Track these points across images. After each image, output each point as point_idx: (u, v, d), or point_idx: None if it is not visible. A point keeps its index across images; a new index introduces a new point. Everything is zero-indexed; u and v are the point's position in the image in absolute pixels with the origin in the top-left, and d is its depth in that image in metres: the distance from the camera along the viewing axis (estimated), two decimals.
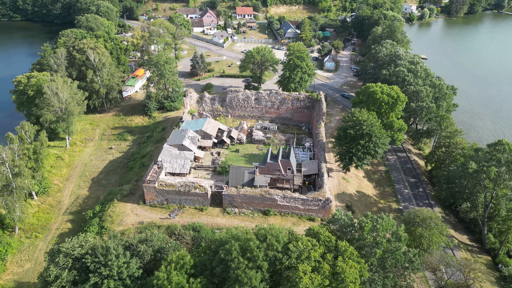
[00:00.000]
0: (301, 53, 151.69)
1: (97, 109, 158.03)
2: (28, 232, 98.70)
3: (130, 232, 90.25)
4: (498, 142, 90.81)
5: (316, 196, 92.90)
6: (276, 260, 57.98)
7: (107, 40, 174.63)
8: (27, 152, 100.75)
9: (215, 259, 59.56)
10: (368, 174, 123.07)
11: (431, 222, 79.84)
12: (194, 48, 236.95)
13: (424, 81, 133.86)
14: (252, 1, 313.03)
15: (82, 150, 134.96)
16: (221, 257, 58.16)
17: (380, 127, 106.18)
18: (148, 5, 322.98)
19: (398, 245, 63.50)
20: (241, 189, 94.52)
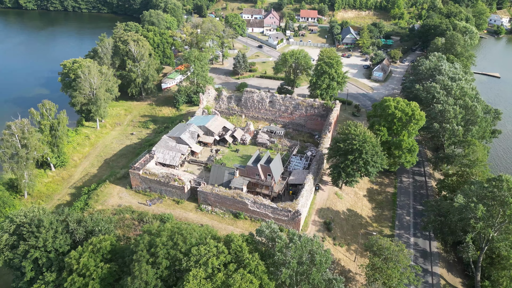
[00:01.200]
0: (331, 59, 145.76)
1: (134, 96, 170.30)
2: (35, 198, 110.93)
3: (106, 212, 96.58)
4: (498, 177, 77.86)
5: (286, 207, 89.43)
6: (177, 260, 57.77)
7: (156, 34, 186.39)
8: (43, 127, 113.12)
9: (128, 249, 61.47)
10: (371, 194, 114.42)
11: (388, 253, 72.01)
12: (247, 48, 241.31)
13: (456, 101, 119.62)
14: (319, 4, 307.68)
15: (108, 132, 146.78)
16: (131, 248, 59.84)
17: (376, 144, 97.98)
18: (219, 4, 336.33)
19: (309, 268, 58.57)
20: (214, 188, 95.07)
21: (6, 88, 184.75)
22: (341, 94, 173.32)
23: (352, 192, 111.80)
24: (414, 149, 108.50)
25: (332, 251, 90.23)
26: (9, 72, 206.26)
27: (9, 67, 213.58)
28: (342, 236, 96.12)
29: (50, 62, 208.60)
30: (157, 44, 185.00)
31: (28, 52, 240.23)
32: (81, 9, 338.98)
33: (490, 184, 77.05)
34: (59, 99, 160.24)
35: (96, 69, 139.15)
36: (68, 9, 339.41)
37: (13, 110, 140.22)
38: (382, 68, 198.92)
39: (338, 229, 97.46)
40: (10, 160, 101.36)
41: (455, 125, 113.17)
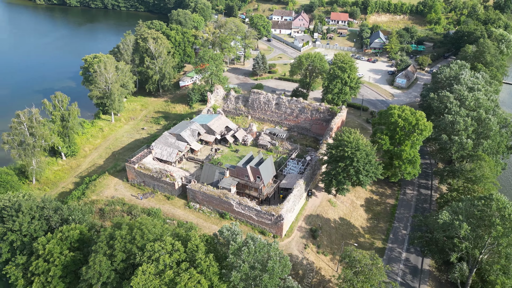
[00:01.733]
0: (344, 64, 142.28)
1: (152, 93, 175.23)
2: (42, 184, 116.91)
3: (99, 203, 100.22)
4: (489, 195, 72.37)
5: (270, 210, 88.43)
6: (132, 254, 58.77)
7: (178, 33, 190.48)
8: (53, 118, 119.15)
9: (92, 239, 63.42)
10: (369, 204, 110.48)
11: (360, 266, 69.22)
12: (271, 49, 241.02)
13: (469, 112, 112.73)
14: (352, 7, 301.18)
15: (122, 126, 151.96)
16: (94, 238, 61.71)
17: (371, 153, 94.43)
18: (251, 5, 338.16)
19: (261, 274, 57.26)
20: (203, 187, 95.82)
21: (36, 79, 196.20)
22: (356, 99, 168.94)
23: (348, 200, 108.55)
24: (415, 160, 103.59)
25: (314, 259, 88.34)
26: (41, 64, 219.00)
27: (43, 59, 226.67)
28: (329, 245, 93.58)
29: (81, 56, 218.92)
30: (179, 42, 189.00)
31: (64, 46, 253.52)
32: (119, 7, 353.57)
33: (480, 202, 71.86)
34: (82, 93, 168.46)
35: (113, 65, 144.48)
36: (108, 6, 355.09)
37: (38, 100, 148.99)
38: (406, 74, 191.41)
39: (325, 237, 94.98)
40: (18, 147, 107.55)
41: (464, 138, 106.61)
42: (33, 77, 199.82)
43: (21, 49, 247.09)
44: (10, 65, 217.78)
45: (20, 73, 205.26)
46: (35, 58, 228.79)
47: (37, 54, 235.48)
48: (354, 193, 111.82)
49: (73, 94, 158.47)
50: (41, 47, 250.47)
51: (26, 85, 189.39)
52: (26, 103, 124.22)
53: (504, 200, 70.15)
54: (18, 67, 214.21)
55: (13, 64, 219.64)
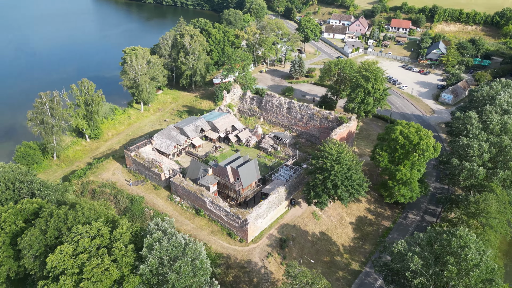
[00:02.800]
0: (368, 72, 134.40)
1: (185, 87, 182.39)
2: (61, 161, 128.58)
3: (94, 184, 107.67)
4: (453, 230, 63.39)
5: (238, 213, 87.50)
6: (62, 233, 62.48)
7: (219, 31, 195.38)
8: (77, 102, 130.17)
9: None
10: (360, 223, 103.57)
11: (295, 283, 65.54)
12: (316, 53, 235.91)
13: (490, 137, 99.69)
14: (417, 14, 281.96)
15: (148, 116, 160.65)
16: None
17: (352, 168, 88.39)
18: (312, 8, 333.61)
19: (169, 271, 56.72)
20: (184, 181, 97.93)
21: (87, 66, 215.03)
22: (385, 111, 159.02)
23: (337, 215, 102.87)
24: (410, 182, 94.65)
25: (274, 269, 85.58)
26: (97, 52, 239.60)
27: (102, 48, 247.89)
28: (298, 258, 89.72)
29: None
30: (219, 41, 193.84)
31: (125, 37, 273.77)
32: (187, 5, 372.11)
33: (443, 236, 63.53)
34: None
35: (144, 58, 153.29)
36: (177, 4, 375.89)
37: None
38: (454, 90, 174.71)
39: (296, 249, 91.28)
40: (40, 125, 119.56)
41: (476, 165, 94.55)
42: (86, 65, 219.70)
43: (85, 38, 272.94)
44: (70, 52, 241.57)
45: (74, 60, 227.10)
46: (94, 47, 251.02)
47: (97, 44, 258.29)
48: (347, 209, 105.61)
49: (115, 83, 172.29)
50: (104, 38, 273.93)
51: (76, 71, 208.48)
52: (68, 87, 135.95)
53: (469, 238, 61.21)
54: (76, 54, 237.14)
55: (72, 51, 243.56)
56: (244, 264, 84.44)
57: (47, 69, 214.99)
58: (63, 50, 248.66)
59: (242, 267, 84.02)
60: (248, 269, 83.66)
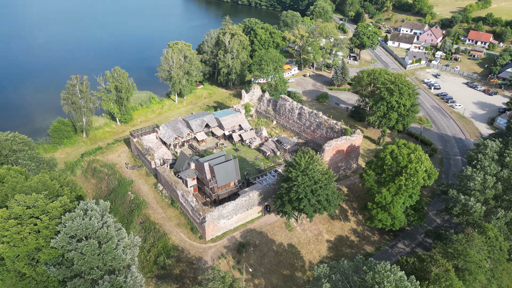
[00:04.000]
0: (394, 86, 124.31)
1: (222, 84, 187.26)
2: (88, 139, 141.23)
3: (97, 163, 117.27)
4: (369, 261, 55.84)
5: (200, 210, 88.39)
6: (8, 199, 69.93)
7: (266, 32, 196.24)
8: (108, 87, 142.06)
9: None
10: (339, 243, 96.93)
11: None
12: (371, 61, 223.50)
13: (501, 171, 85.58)
14: (504, 27, 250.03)
15: (179, 108, 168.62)
16: None
17: (323, 183, 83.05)
18: (386, 14, 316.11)
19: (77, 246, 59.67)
20: (166, 171, 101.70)
21: (147, 57, 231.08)
22: (415, 129, 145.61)
23: (315, 230, 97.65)
24: (390, 207, 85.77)
25: (223, 270, 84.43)
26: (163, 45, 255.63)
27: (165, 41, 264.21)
28: (254, 266, 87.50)
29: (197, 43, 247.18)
30: (264, 41, 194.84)
31: (193, 32, 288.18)
32: (261, 5, 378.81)
33: (362, 268, 56.81)
34: None
35: (180, 53, 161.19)
36: (251, 4, 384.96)
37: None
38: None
39: (255, 256, 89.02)
40: (71, 105, 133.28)
41: (474, 200, 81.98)
42: (145, 55, 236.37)
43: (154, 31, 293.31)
44: (134, 44, 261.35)
45: (136, 51, 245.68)
46: (158, 39, 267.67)
47: (161, 37, 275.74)
48: (329, 225, 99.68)
49: None
50: (169, 32, 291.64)
51: (133, 61, 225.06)
52: None
53: (386, 274, 53.90)
54: (140, 46, 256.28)
55: (138, 43, 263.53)
56: (194, 261, 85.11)
57: (108, 57, 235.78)
58: (130, 42, 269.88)
59: (191, 263, 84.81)
60: (196, 266, 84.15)
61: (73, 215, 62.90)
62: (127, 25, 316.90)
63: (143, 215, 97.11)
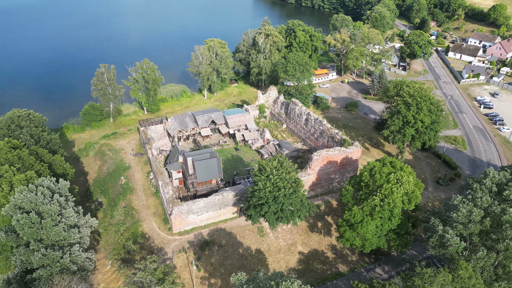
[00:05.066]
0: (412, 99, 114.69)
1: (254, 84, 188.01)
2: (114, 123, 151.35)
3: (107, 146, 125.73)
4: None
5: (171, 202, 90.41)
6: None
7: (305, 35, 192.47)
8: (135, 78, 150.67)
9: None
10: (311, 257, 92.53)
11: None
12: (421, 73, 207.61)
13: (492, 204, 74.69)
14: None
15: (206, 103, 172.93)
16: None
17: (290, 191, 79.92)
18: (456, 22, 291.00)
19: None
20: (155, 161, 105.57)
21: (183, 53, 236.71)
22: (453, 152, 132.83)
23: (289, 240, 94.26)
24: (357, 227, 79.54)
25: (180, 265, 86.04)
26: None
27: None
28: (215, 265, 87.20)
29: None
30: (303, 43, 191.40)
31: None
32: (324, 8, 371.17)
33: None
34: None
35: (210, 50, 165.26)
36: (315, 6, 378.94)
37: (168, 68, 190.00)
38: None
39: (218, 256, 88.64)
40: (99, 91, 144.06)
41: (454, 233, 72.66)
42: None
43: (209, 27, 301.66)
44: (187, 39, 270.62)
45: (185, 45, 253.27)
46: (206, 35, 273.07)
47: (212, 33, 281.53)
48: (306, 237, 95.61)
49: None
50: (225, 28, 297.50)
51: (181, 53, 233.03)
52: None
53: None
54: (189, 40, 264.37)
55: (188, 36, 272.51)
56: (155, 250, 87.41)
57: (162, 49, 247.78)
58: (186, 36, 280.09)
59: (152, 252, 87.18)
60: (156, 255, 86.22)
61: (24, 188, 68.67)
62: (190, 20, 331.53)
63: (127, 200, 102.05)
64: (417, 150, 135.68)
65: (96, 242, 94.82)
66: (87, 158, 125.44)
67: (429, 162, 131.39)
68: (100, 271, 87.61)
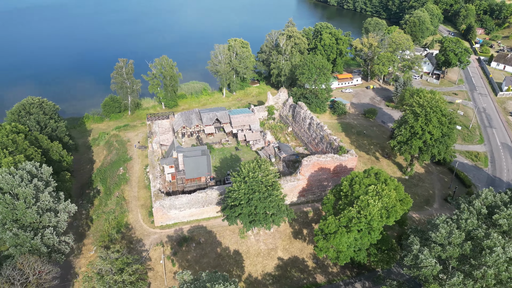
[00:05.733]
0: (421, 109, 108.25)
1: (274, 85, 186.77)
2: (131, 116, 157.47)
3: (116, 137, 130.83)
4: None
5: (155, 195, 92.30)
6: None
7: (331, 38, 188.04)
8: (153, 74, 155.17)
9: None
10: (290, 264, 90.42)
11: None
12: (455, 82, 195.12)
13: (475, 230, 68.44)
14: None
15: (224, 102, 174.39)
16: None
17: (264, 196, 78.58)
18: (506, 30, 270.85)
19: None
20: (151, 155, 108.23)
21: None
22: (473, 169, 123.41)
23: (270, 244, 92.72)
24: (329, 238, 76.36)
25: (154, 258, 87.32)
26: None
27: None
28: (190, 262, 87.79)
29: None
30: (327, 46, 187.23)
31: None
32: (366, 11, 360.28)
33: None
34: None
35: (229, 49, 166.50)
36: (357, 9, 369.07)
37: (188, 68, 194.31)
38: None
39: (194, 253, 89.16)
40: (117, 84, 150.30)
41: (429, 254, 67.51)
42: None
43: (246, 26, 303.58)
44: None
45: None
46: (239, 34, 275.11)
47: (244, 32, 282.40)
48: (288, 242, 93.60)
49: None
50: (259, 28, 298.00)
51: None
52: None
53: None
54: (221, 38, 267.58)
55: (221, 34, 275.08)
56: (134, 241, 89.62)
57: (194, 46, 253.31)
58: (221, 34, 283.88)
59: (131, 242, 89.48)
60: (133, 246, 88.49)
61: (5, 170, 73.29)
62: (231, 20, 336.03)
63: (121, 190, 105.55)
64: (431, 164, 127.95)
65: (87, 228, 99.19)
66: (97, 148, 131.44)
67: (442, 177, 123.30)
68: (84, 255, 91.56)
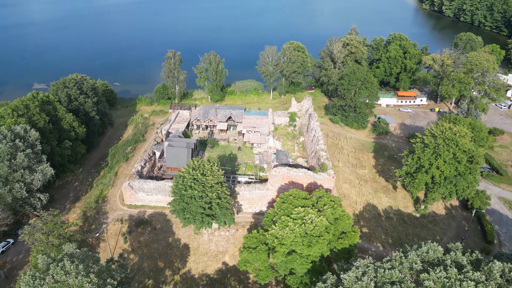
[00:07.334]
0: (432, 140, 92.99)
1: (325, 92, 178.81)
2: (176, 102, 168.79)
3: (144, 119, 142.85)
4: None
5: (130, 176, 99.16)
6: None
7: (398, 50, 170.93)
8: (203, 65, 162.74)
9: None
10: (233, 272, 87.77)
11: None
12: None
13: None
14: None
15: (267, 103, 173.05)
16: None
17: (212, 196, 78.20)
18: None
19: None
20: (152, 140, 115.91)
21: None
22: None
23: (221, 247, 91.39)
24: (247, 252, 71.94)
25: (111, 232, 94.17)
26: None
27: None
28: (141, 244, 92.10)
29: None
30: (393, 59, 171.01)
31: None
32: (484, 26, 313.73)
33: None
34: None
35: (277, 52, 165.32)
36: (474, 23, 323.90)
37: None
38: None
39: (147, 237, 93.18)
40: (166, 73, 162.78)
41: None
42: None
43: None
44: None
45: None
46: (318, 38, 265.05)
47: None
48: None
49: None
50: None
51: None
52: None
53: None
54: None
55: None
56: (100, 213, 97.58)
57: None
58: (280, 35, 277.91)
59: (97, 213, 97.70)
60: (97, 217, 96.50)
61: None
62: (311, 24, 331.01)
63: (119, 166, 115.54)
64: (458, 207, 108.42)
65: (84, 193, 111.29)
66: (129, 127, 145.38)
67: (463, 224, 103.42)
68: (70, 216, 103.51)
